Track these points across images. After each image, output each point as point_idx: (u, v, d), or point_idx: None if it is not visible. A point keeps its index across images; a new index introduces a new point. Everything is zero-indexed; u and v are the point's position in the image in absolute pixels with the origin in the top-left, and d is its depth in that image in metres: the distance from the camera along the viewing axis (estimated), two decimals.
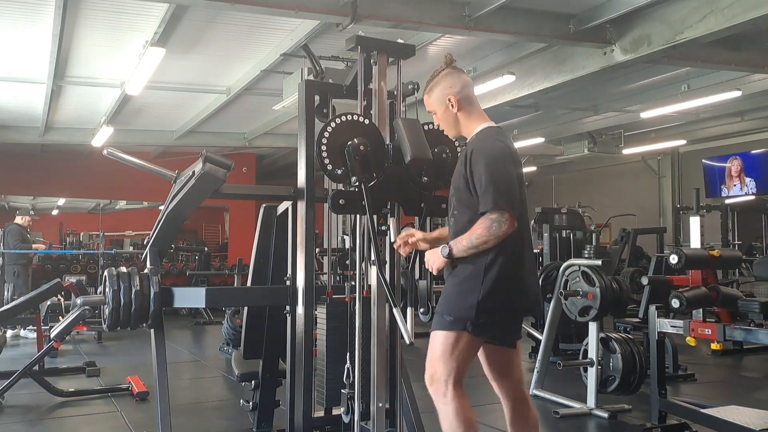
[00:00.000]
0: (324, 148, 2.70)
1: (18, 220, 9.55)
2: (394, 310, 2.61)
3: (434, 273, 2.60)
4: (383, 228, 2.82)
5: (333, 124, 2.73)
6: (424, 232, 2.83)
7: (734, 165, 11.83)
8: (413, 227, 2.95)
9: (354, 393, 2.84)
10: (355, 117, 2.78)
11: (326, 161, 2.71)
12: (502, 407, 2.71)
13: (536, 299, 2.69)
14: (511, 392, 2.69)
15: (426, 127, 2.91)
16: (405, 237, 2.73)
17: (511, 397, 2.69)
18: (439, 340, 2.53)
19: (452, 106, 2.65)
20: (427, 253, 2.62)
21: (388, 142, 2.86)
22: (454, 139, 2.80)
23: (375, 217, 2.73)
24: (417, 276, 2.96)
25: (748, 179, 11.59)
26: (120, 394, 5.18)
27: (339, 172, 2.72)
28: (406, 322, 2.65)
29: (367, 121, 2.81)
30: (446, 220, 2.73)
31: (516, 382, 2.70)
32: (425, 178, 2.88)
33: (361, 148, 2.70)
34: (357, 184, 2.72)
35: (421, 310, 3.03)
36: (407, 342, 2.57)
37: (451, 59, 2.73)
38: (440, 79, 2.69)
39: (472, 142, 2.62)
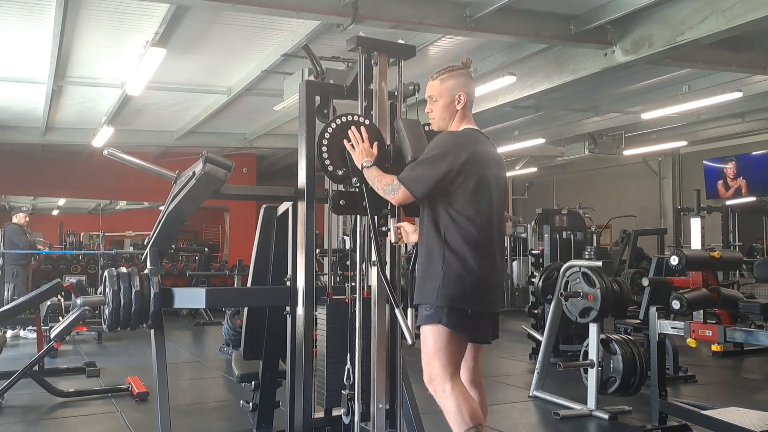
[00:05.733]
0: (324, 149, 2.70)
1: (15, 219, 9.53)
2: (396, 310, 2.60)
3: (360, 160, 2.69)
4: (384, 229, 2.81)
5: (333, 125, 2.72)
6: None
7: (730, 168, 11.87)
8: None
9: (354, 394, 2.83)
10: (356, 118, 2.78)
11: (327, 162, 2.70)
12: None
13: (496, 301, 2.70)
14: (469, 378, 2.72)
15: (426, 128, 2.90)
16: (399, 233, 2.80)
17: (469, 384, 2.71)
18: (426, 337, 2.57)
19: (459, 102, 2.72)
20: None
21: (388, 142, 2.86)
22: (436, 130, 2.83)
23: (376, 218, 2.72)
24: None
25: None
26: (120, 394, 5.17)
27: (340, 173, 2.72)
28: (407, 322, 2.64)
29: (367, 122, 2.80)
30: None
31: (479, 370, 2.76)
32: None
33: None
34: (357, 185, 2.72)
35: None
36: (409, 343, 2.56)
37: (469, 64, 2.82)
38: (458, 74, 2.75)
39: (443, 132, 2.73)
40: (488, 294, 2.61)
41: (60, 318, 6.64)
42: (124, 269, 3.20)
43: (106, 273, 3.20)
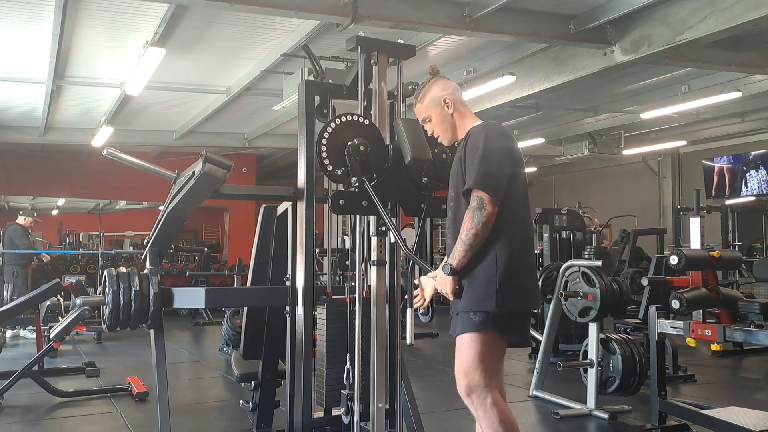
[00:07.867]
0: (324, 148, 2.70)
1: (20, 220, 9.51)
2: (408, 310, 2.60)
3: (452, 298, 2.45)
4: (383, 228, 2.81)
5: (333, 125, 2.72)
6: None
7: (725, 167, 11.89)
8: (412, 228, 2.93)
9: (353, 393, 2.83)
10: (355, 117, 2.78)
11: (326, 162, 2.70)
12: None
13: (539, 296, 2.66)
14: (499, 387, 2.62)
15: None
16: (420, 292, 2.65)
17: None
18: (468, 344, 2.44)
19: (448, 106, 2.65)
20: (434, 285, 2.52)
21: (388, 142, 2.86)
22: (449, 145, 2.74)
23: (375, 217, 2.72)
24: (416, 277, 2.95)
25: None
26: (119, 394, 5.17)
27: (339, 172, 2.71)
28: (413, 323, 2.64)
29: (367, 122, 2.80)
30: (446, 222, 2.68)
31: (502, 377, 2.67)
32: (425, 179, 2.87)
33: (361, 148, 2.69)
34: (357, 184, 2.72)
35: (421, 311, 3.01)
36: (408, 343, 2.56)
37: (436, 70, 2.75)
38: (431, 85, 2.70)
39: (472, 128, 2.59)
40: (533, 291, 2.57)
41: (59, 318, 6.63)
42: (123, 269, 3.20)
43: (105, 273, 3.20)
